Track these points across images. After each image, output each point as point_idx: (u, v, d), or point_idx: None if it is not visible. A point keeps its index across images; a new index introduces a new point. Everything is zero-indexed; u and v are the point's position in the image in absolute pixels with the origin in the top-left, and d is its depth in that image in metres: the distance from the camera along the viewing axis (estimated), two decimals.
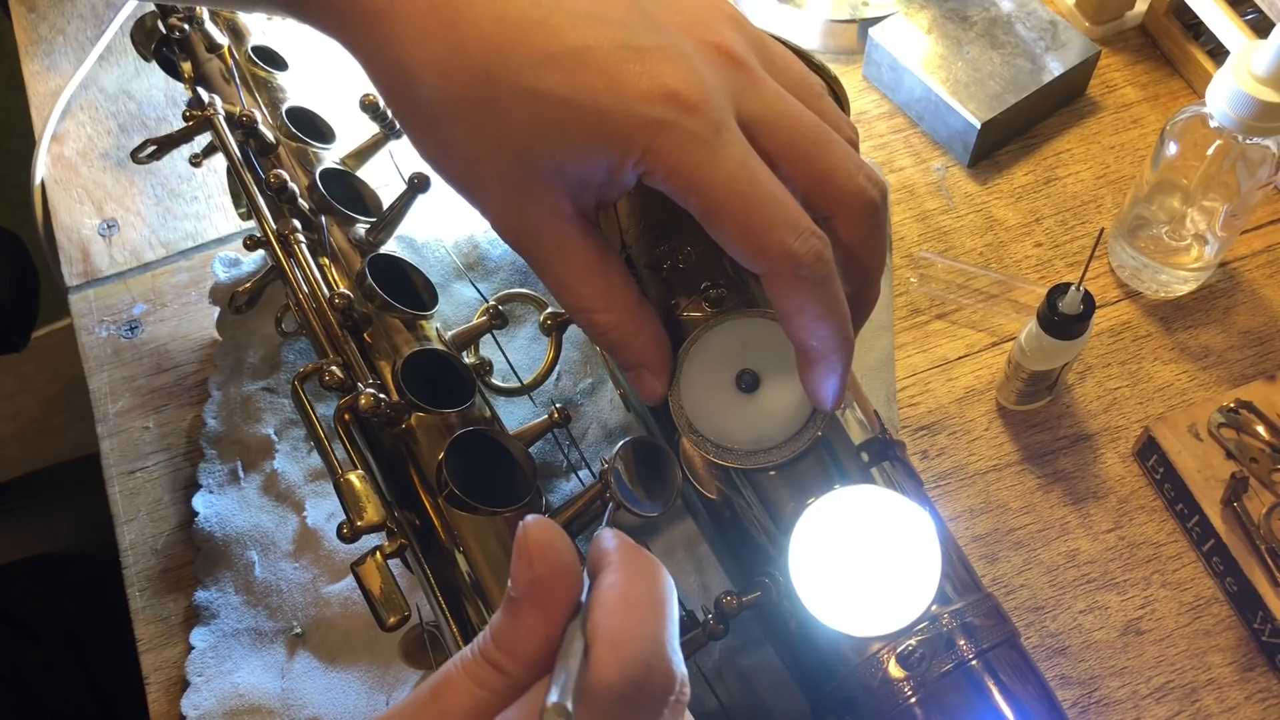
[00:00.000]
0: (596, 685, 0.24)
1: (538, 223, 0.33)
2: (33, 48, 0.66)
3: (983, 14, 0.59)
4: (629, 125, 0.30)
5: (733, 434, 0.36)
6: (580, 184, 0.32)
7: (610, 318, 0.34)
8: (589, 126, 0.30)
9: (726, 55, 0.32)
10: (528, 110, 0.30)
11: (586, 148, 0.31)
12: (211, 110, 0.47)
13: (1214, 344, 0.53)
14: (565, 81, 0.30)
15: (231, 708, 0.45)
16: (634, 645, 0.25)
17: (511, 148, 0.31)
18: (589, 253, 0.33)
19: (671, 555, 0.46)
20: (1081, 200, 0.57)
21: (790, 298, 0.32)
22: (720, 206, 0.31)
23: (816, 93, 0.34)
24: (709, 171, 0.30)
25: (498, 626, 0.26)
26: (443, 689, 0.26)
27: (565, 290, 0.34)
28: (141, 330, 0.56)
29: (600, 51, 0.30)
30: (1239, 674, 0.45)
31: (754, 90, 0.32)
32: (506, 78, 0.30)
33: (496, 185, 0.32)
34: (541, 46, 0.30)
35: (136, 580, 0.49)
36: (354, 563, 0.36)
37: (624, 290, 0.34)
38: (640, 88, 0.30)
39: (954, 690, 0.33)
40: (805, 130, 0.32)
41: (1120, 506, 0.49)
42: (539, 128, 0.31)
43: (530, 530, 0.26)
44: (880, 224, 0.33)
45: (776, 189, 0.31)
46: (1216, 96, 0.45)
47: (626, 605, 0.25)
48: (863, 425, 0.37)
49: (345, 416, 0.39)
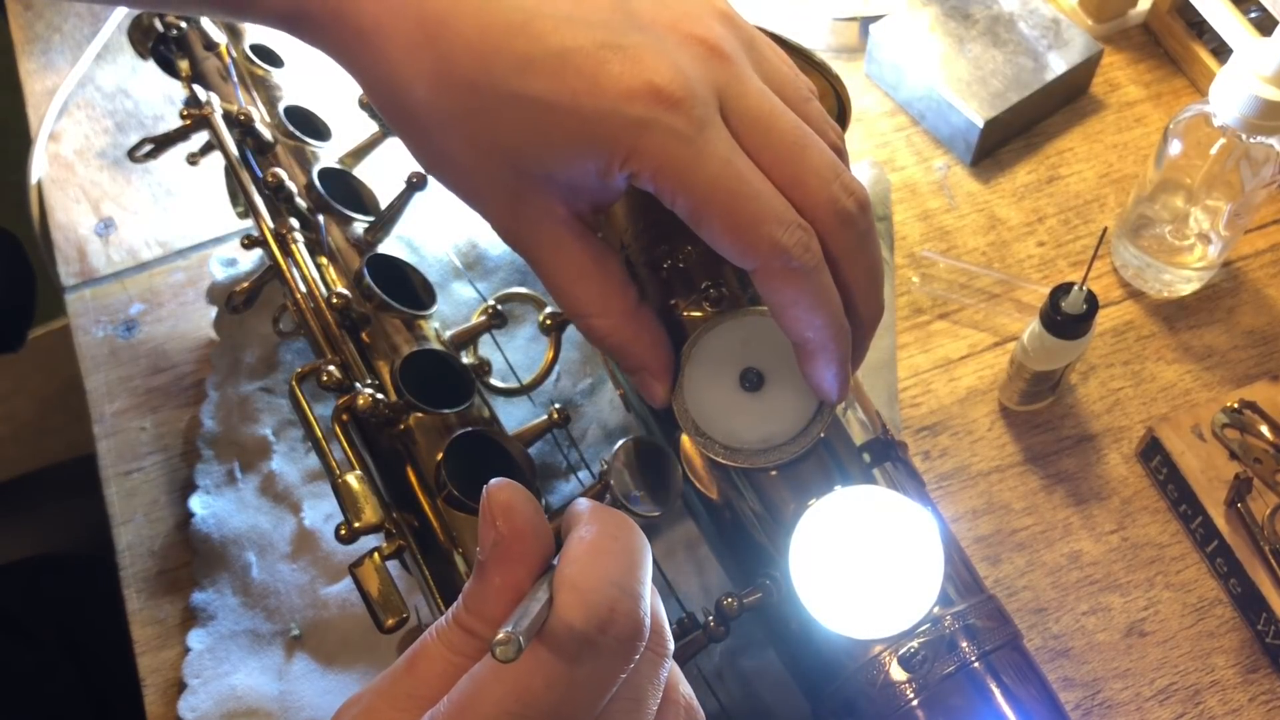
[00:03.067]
0: (559, 627, 0.24)
1: (534, 227, 0.33)
2: (29, 46, 0.66)
3: (985, 12, 0.59)
4: (613, 126, 0.30)
5: (741, 434, 0.35)
6: (572, 188, 0.32)
7: (607, 322, 0.34)
8: (573, 129, 0.30)
9: (711, 49, 0.31)
10: (514, 117, 0.30)
11: (573, 151, 0.31)
12: (209, 109, 0.47)
13: (1217, 344, 0.53)
14: (548, 86, 0.30)
15: (229, 710, 0.45)
16: (598, 590, 0.25)
17: (503, 155, 0.31)
18: (585, 256, 0.33)
19: (672, 556, 0.46)
20: (1084, 199, 0.57)
21: (782, 291, 0.31)
22: (706, 204, 0.30)
23: (804, 96, 0.34)
24: (694, 170, 0.30)
25: (468, 591, 0.27)
26: (418, 658, 0.26)
27: (562, 294, 0.34)
28: (138, 330, 0.56)
29: (581, 53, 0.30)
30: (1242, 676, 0.45)
31: (737, 86, 0.31)
32: (492, 85, 0.30)
33: (492, 192, 0.33)
34: (524, 52, 0.30)
35: (133, 582, 0.49)
36: (352, 564, 0.36)
37: (621, 294, 0.34)
38: (622, 87, 0.30)
39: (956, 692, 0.33)
40: (783, 132, 0.32)
41: (1123, 507, 0.49)
42: (526, 133, 0.31)
43: (493, 492, 0.26)
44: (859, 234, 0.33)
45: (762, 185, 0.31)
46: (1220, 95, 0.45)
47: (593, 552, 0.26)
48: (864, 426, 0.37)
49: (343, 417, 0.38)
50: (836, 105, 0.42)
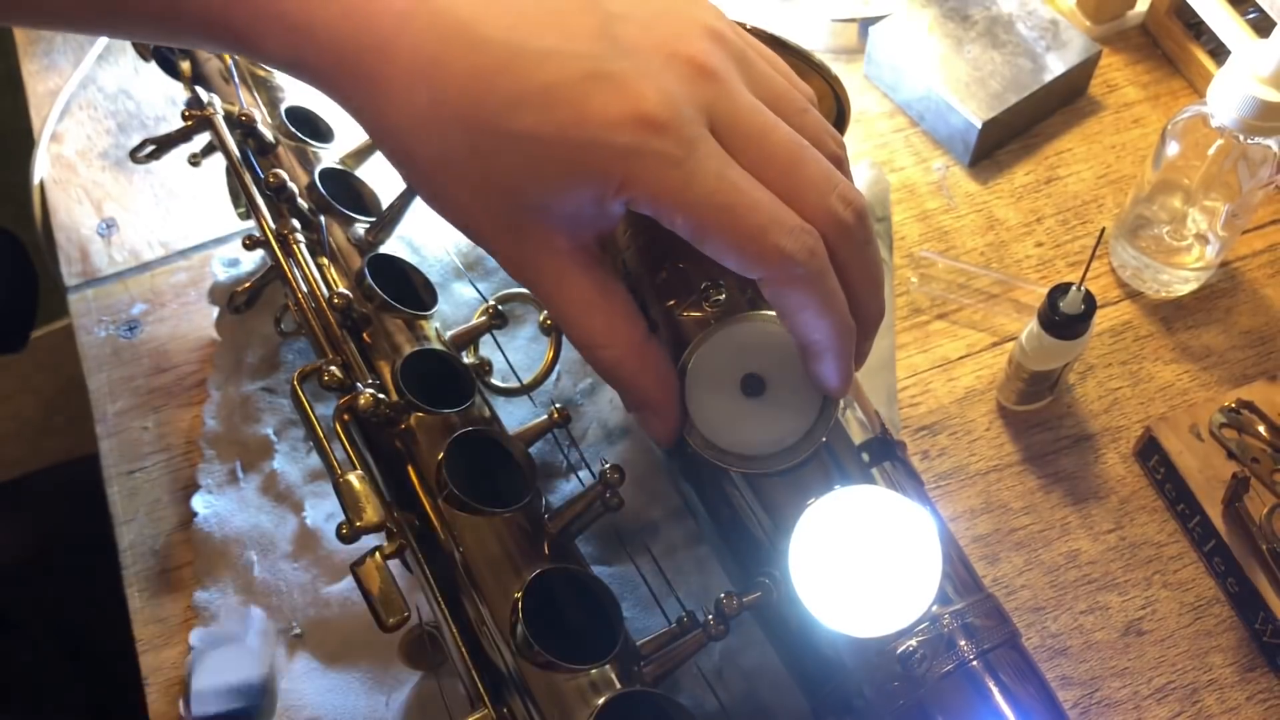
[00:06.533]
0: None
1: (536, 261, 0.33)
2: (31, 47, 0.66)
3: (984, 13, 0.59)
4: (603, 156, 0.30)
5: (751, 441, 0.35)
6: (572, 219, 0.32)
7: (613, 354, 0.34)
8: (565, 163, 0.30)
9: (700, 69, 0.31)
10: (508, 154, 0.31)
11: (567, 184, 0.31)
12: (210, 110, 0.47)
13: (1215, 344, 0.53)
14: (538, 121, 0.30)
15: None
16: None
17: (500, 192, 0.32)
18: (591, 288, 0.34)
19: (672, 555, 0.46)
20: (1082, 200, 0.57)
21: (790, 297, 0.32)
22: (706, 223, 0.31)
23: (800, 107, 0.34)
24: (688, 191, 0.30)
25: None
26: None
27: (568, 325, 0.34)
28: (140, 330, 0.56)
29: (567, 86, 0.30)
30: (1240, 675, 0.45)
31: (728, 103, 0.31)
32: (484, 125, 0.31)
33: (494, 229, 0.33)
34: (512, 89, 0.30)
35: (136, 581, 0.49)
36: (353, 563, 0.36)
37: (628, 325, 0.34)
38: (608, 117, 0.30)
39: (955, 691, 0.33)
40: (776, 146, 0.32)
41: (1121, 507, 0.49)
42: (520, 170, 0.31)
43: None
44: (858, 244, 0.33)
45: (759, 194, 0.31)
46: (1218, 96, 0.45)
47: None
48: (863, 425, 0.37)
49: (344, 416, 0.39)
50: (835, 106, 0.43)
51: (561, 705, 0.33)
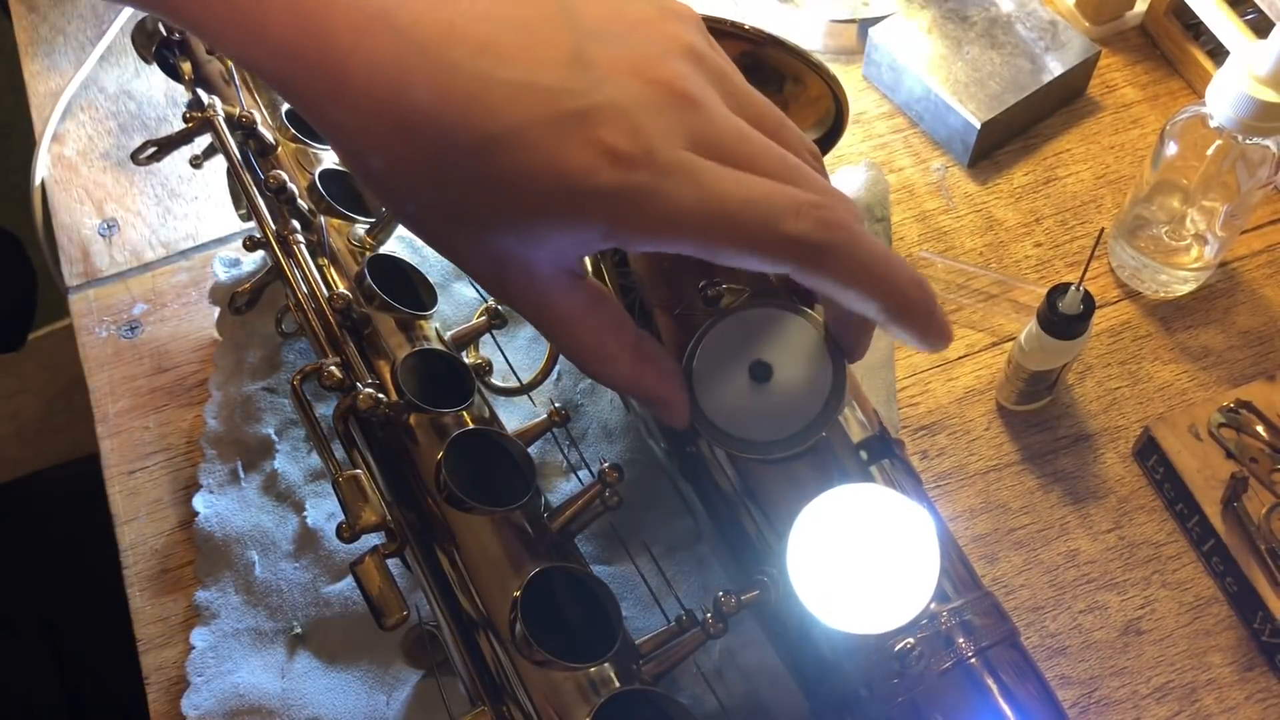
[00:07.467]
0: None
1: (516, 287, 0.32)
2: (33, 48, 0.66)
3: (983, 14, 0.59)
4: (582, 205, 0.29)
5: (765, 429, 0.35)
6: (553, 253, 0.31)
7: (605, 368, 0.34)
8: (543, 211, 0.29)
9: (676, 95, 0.30)
10: (480, 196, 0.29)
11: (547, 231, 0.30)
12: (211, 112, 0.47)
13: (1214, 344, 0.53)
14: (510, 167, 0.28)
15: (232, 708, 0.45)
16: None
17: (472, 227, 0.30)
18: (577, 308, 0.33)
19: (671, 555, 0.46)
20: (1081, 200, 0.57)
21: (829, 278, 0.30)
22: (709, 241, 0.29)
23: (778, 122, 0.33)
24: (678, 216, 0.29)
25: None
26: None
27: (560, 346, 0.34)
28: (141, 330, 0.56)
29: (539, 126, 0.28)
30: (1239, 674, 0.45)
31: (709, 127, 0.30)
32: (455, 163, 0.29)
33: (470, 257, 0.32)
34: (481, 128, 0.28)
35: (136, 580, 0.49)
36: (353, 563, 0.36)
37: (617, 335, 0.34)
38: (583, 161, 0.28)
39: (953, 688, 0.33)
40: (766, 165, 0.30)
41: (1120, 506, 0.49)
42: (495, 214, 0.30)
43: None
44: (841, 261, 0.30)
45: (751, 188, 0.29)
46: (1216, 96, 0.45)
47: None
48: (862, 424, 0.37)
49: (345, 416, 0.39)
50: (834, 107, 0.43)
51: (560, 703, 0.33)
